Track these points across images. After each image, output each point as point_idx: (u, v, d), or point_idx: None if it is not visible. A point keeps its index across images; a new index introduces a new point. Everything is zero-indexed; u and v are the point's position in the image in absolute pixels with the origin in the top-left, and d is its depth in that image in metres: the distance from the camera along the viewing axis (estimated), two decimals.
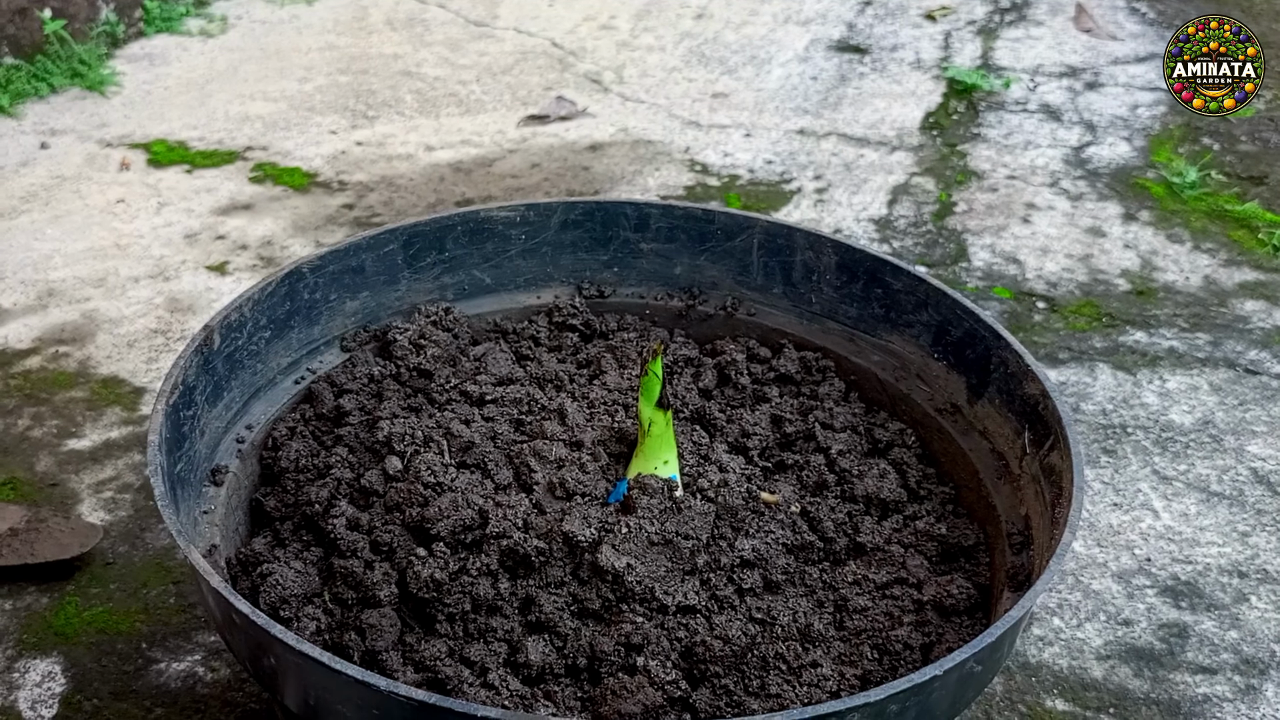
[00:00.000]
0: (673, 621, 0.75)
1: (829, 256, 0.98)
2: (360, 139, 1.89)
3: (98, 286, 1.50)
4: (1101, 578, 1.13)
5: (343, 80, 2.08)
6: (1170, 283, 1.58)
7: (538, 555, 0.75)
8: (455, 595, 0.74)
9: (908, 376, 0.95)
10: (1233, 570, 1.14)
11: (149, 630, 1.04)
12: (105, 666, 1.00)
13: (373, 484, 0.82)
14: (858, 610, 0.78)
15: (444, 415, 0.88)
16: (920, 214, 1.72)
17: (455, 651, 0.73)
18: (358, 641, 0.73)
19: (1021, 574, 0.78)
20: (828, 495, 0.86)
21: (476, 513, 0.77)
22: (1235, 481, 1.25)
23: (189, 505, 0.79)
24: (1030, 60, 2.19)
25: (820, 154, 1.88)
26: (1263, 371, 1.41)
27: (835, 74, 2.15)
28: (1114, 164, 1.85)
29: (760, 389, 0.97)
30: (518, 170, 1.80)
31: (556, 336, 1.00)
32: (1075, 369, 1.40)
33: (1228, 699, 1.02)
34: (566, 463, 0.81)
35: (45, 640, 1.02)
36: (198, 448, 0.82)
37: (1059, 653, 1.05)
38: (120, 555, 1.11)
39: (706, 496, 0.79)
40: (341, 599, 0.76)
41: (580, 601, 0.75)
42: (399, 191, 1.73)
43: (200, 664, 1.00)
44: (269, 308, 0.90)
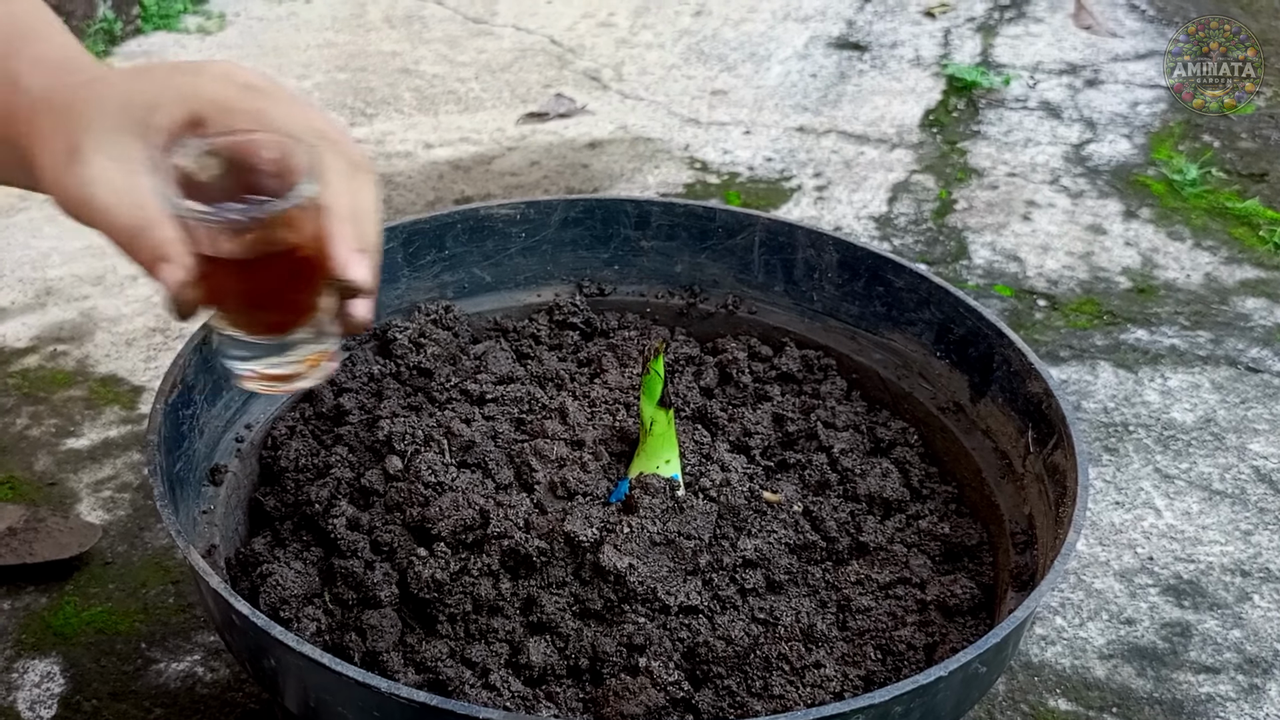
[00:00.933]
0: (675, 622, 0.74)
1: (830, 254, 0.98)
2: (359, 136, 1.88)
3: (96, 285, 1.50)
4: (1104, 576, 1.13)
5: (341, 78, 2.07)
6: (1171, 280, 1.57)
7: (539, 555, 0.74)
8: (456, 596, 0.74)
9: (910, 375, 0.95)
10: (1235, 569, 1.14)
11: (148, 630, 1.03)
12: (104, 667, 1.00)
13: (373, 483, 0.81)
14: (861, 610, 0.78)
15: (444, 414, 0.87)
16: (920, 211, 1.71)
17: (456, 652, 0.73)
18: (358, 642, 0.73)
19: (1025, 574, 0.77)
20: (830, 494, 0.86)
21: (477, 512, 0.77)
22: (1237, 480, 1.24)
23: (188, 505, 0.78)
24: (1030, 57, 2.19)
25: (820, 151, 1.87)
26: (1264, 369, 1.40)
27: (835, 71, 2.14)
28: (1114, 161, 1.85)
29: (762, 387, 0.96)
30: (517, 168, 1.79)
31: (557, 335, 1.00)
32: (1076, 367, 1.40)
33: (1231, 698, 1.01)
34: (568, 462, 0.80)
35: (44, 640, 1.02)
36: (196, 447, 0.81)
37: (1061, 652, 1.05)
38: (119, 555, 1.11)
39: (709, 496, 0.79)
40: (342, 599, 0.76)
41: (582, 602, 0.74)
42: (398, 189, 1.73)
43: (200, 664, 1.00)
44: None
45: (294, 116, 0.64)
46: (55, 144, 0.63)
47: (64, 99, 0.64)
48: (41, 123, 0.64)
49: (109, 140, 0.62)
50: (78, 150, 0.62)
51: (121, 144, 0.62)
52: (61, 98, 0.64)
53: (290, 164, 0.62)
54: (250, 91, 0.64)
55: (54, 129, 0.63)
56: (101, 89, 0.63)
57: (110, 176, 0.61)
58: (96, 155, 0.62)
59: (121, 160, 0.62)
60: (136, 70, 0.66)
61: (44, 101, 0.65)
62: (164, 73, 0.64)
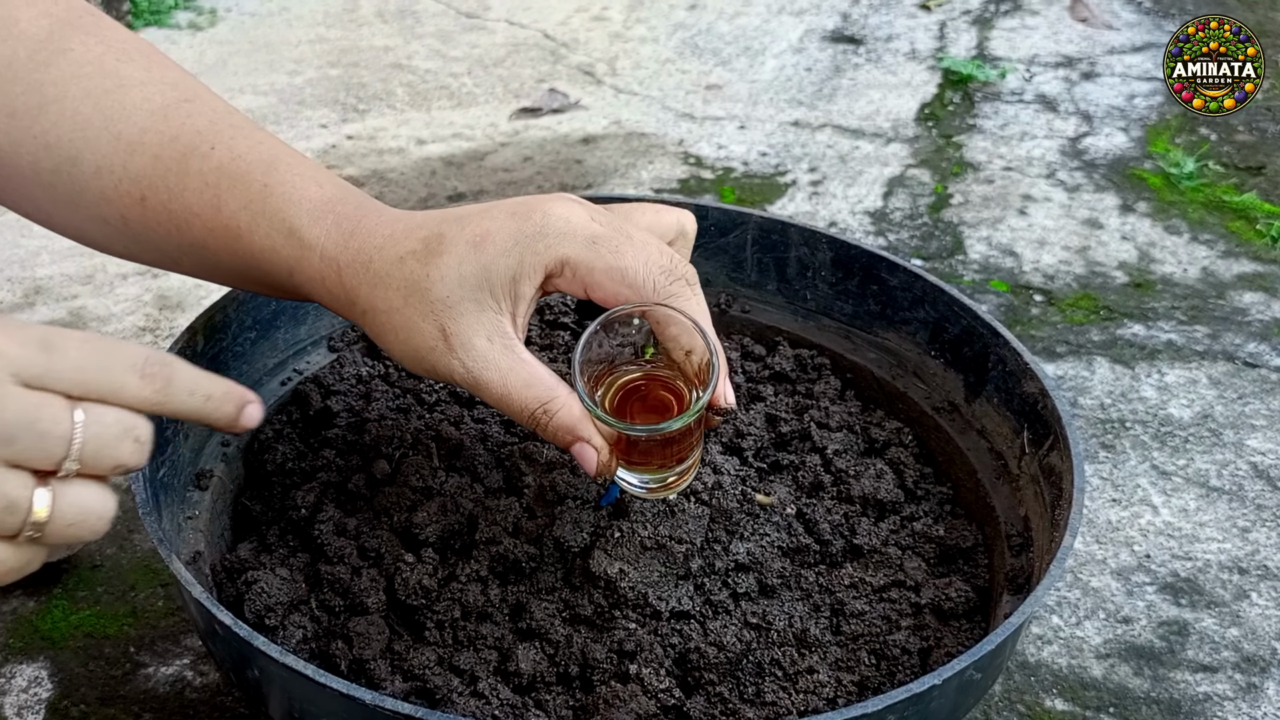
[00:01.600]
0: (666, 627, 0.73)
1: (824, 252, 0.97)
2: (351, 132, 1.87)
3: (85, 284, 1.49)
4: (1100, 575, 1.12)
5: (333, 73, 2.06)
6: (1168, 275, 1.56)
7: (528, 561, 0.74)
8: (444, 602, 0.73)
9: (904, 374, 0.94)
10: (1233, 566, 1.13)
11: (137, 634, 1.02)
12: (92, 671, 0.99)
13: (360, 488, 0.80)
14: (855, 614, 0.77)
15: (433, 416, 0.86)
16: (916, 206, 1.70)
17: (444, 660, 0.72)
18: (345, 650, 0.72)
19: (1021, 576, 0.76)
20: (824, 496, 0.85)
21: (465, 517, 0.76)
22: (1235, 476, 1.24)
23: (173, 511, 0.77)
24: (1026, 50, 2.18)
25: (815, 146, 1.86)
26: (1262, 364, 1.40)
27: (830, 65, 2.13)
28: (1111, 155, 1.84)
29: (755, 387, 0.95)
30: (510, 164, 1.78)
31: (548, 335, 0.99)
32: (1073, 363, 1.39)
33: (1229, 697, 1.01)
34: (557, 465, 0.79)
35: (32, 645, 1.01)
36: (181, 451, 0.80)
37: (1058, 651, 1.04)
38: (108, 557, 1.10)
39: (700, 499, 0.78)
40: (328, 606, 0.75)
41: (572, 608, 0.73)
42: (390, 185, 1.72)
43: (189, 668, 0.99)
44: (254, 308, 0.88)
45: (643, 263, 0.66)
46: (414, 321, 0.66)
47: (386, 268, 0.67)
48: (368, 292, 0.67)
49: (480, 319, 0.65)
50: (450, 334, 0.65)
51: (493, 322, 0.66)
52: (381, 265, 0.67)
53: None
54: (598, 247, 0.66)
55: (405, 303, 0.66)
56: (452, 262, 0.65)
57: (492, 356, 0.66)
58: (475, 338, 0.65)
59: (497, 338, 0.66)
60: (479, 231, 0.66)
61: (351, 262, 0.68)
62: (511, 235, 0.66)
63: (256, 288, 0.76)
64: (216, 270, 0.75)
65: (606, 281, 0.65)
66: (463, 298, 0.65)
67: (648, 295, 0.66)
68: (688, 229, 0.74)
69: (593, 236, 0.65)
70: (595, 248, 0.65)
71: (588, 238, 0.65)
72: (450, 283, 0.65)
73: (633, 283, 0.65)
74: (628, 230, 0.67)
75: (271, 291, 0.75)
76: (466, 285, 0.65)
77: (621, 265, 0.65)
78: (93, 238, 0.77)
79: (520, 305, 0.66)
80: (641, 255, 0.66)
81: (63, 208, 0.75)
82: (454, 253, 0.65)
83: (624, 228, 0.67)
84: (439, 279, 0.65)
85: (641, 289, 0.66)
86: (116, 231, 0.75)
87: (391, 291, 0.66)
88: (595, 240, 0.65)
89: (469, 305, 0.65)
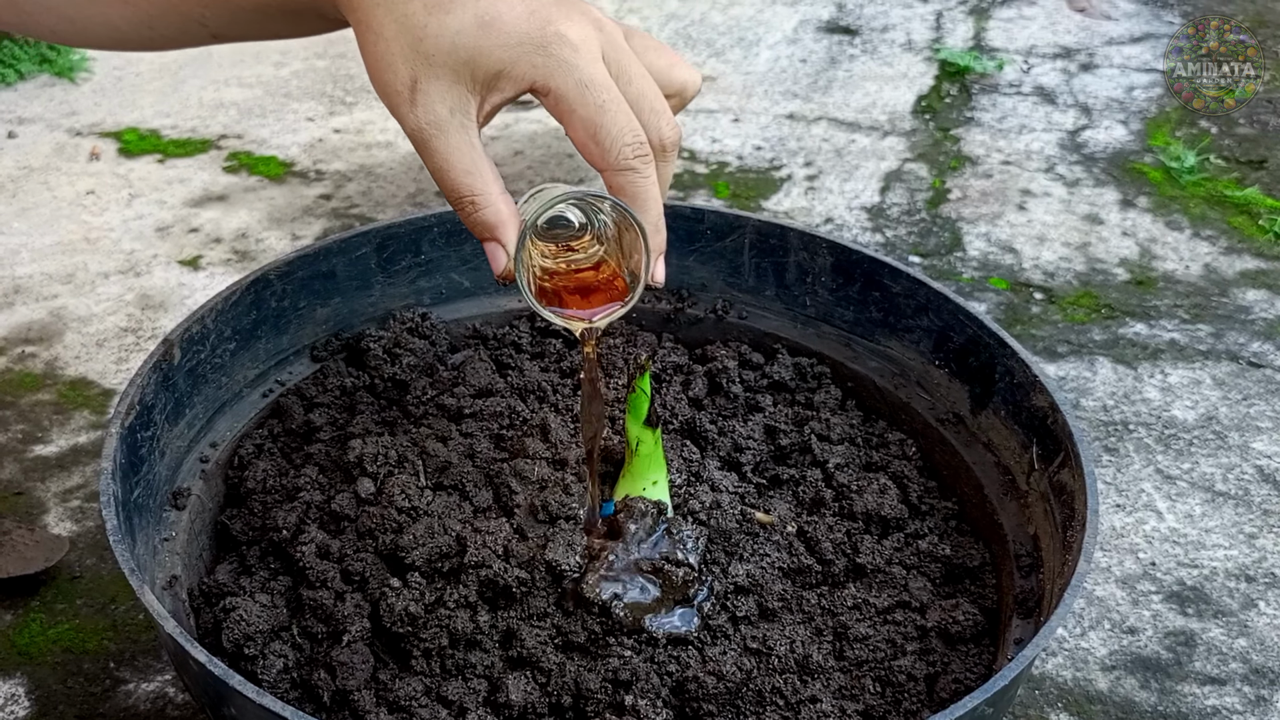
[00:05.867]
0: (663, 655, 0.70)
1: (824, 257, 0.94)
2: (338, 126, 1.83)
3: (66, 283, 1.45)
4: (1105, 583, 1.09)
5: (320, 65, 2.02)
6: (1170, 271, 1.54)
7: (519, 585, 0.71)
8: (431, 629, 0.70)
9: (907, 384, 0.91)
10: (1240, 574, 1.11)
11: (117, 649, 1.00)
12: (71, 688, 0.96)
13: (344, 508, 0.77)
14: (858, 639, 0.74)
15: (420, 431, 0.83)
16: (914, 201, 1.67)
17: (432, 690, 0.69)
18: (327, 681, 0.69)
19: (1030, 599, 0.74)
20: (825, 513, 0.82)
21: (454, 539, 0.73)
22: (1240, 480, 1.21)
23: (148, 533, 0.74)
24: (1023, 41, 2.14)
25: (810, 139, 1.83)
26: (1266, 364, 1.37)
27: (825, 56, 2.10)
28: (1110, 148, 1.81)
29: (753, 397, 0.92)
30: (500, 158, 1.75)
31: (539, 343, 0.96)
32: (1075, 363, 1.36)
33: (1237, 710, 0.98)
34: (549, 483, 0.76)
35: (8, 660, 0.98)
36: (157, 470, 0.77)
37: (1062, 664, 1.02)
38: (88, 569, 1.07)
39: (698, 519, 0.75)
40: (310, 633, 0.72)
41: (565, 634, 0.70)
42: (378, 181, 1.68)
43: (170, 684, 0.96)
44: (234, 318, 0.85)
45: (618, 128, 0.66)
46: (392, 58, 0.66)
47: (405, 5, 0.66)
48: (374, 15, 0.67)
49: (451, 91, 0.65)
50: (419, 89, 0.65)
51: (462, 98, 0.65)
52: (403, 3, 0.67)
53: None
54: (587, 92, 0.65)
55: (395, 38, 0.66)
56: (453, 26, 0.65)
57: (448, 129, 0.65)
58: (439, 104, 0.65)
59: (459, 114, 0.66)
60: (491, 12, 0.66)
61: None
62: (517, 34, 0.65)
63: (274, 23, 0.76)
64: (239, 12, 0.75)
65: (580, 128, 0.65)
66: (445, 62, 0.65)
67: (610, 162, 0.66)
68: (688, 94, 0.73)
69: (589, 79, 0.65)
70: (584, 92, 0.65)
71: (584, 78, 0.65)
72: (441, 44, 0.65)
73: (600, 142, 0.65)
74: (630, 74, 0.67)
75: (284, 18, 0.75)
76: (454, 54, 0.65)
77: (599, 121, 0.65)
78: (114, 23, 0.77)
79: (493, 97, 0.66)
80: (622, 119, 0.66)
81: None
82: (459, 18, 0.65)
83: (628, 70, 0.67)
84: (433, 35, 0.65)
85: (606, 154, 0.65)
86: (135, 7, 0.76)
87: (388, 20, 0.66)
88: (588, 84, 0.65)
89: (446, 72, 0.65)
